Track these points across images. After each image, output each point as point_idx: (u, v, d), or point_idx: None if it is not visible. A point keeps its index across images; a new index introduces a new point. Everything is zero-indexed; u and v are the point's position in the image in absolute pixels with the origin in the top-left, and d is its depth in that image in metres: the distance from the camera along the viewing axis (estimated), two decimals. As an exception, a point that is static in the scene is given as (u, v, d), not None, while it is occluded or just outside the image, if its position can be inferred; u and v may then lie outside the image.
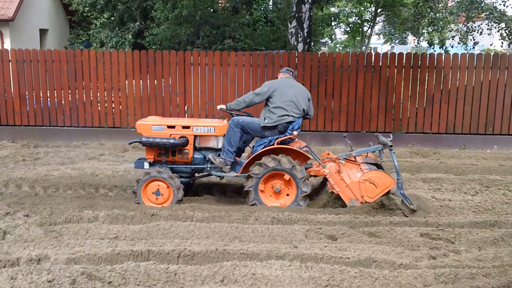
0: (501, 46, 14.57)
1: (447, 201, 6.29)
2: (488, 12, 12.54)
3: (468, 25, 13.39)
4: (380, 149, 6.09)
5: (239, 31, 17.10)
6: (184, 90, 10.45)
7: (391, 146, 5.84)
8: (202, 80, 10.45)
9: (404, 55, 10.35)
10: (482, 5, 12.52)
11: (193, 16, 16.07)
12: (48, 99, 10.55)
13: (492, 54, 10.37)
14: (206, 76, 10.43)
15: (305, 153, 5.97)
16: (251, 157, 6.03)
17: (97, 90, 10.49)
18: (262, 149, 6.02)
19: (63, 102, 10.53)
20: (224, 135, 6.20)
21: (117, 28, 18.65)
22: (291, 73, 6.46)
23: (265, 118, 6.08)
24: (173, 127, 6.26)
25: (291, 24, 11.45)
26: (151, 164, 6.34)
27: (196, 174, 6.62)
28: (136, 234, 4.90)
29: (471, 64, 10.13)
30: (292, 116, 6.03)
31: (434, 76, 10.27)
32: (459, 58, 10.14)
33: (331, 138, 10.26)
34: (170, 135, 6.21)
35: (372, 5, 27.47)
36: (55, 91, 10.57)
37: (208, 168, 6.26)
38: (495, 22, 12.49)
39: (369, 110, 10.30)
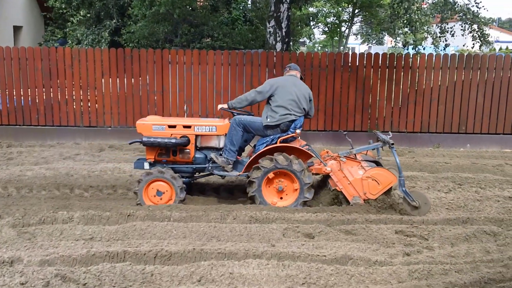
0: (472, 47, 14.83)
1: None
2: (461, 14, 12.75)
3: (441, 26, 13.59)
4: (380, 146, 6.19)
5: (217, 29, 17.07)
6: (162, 89, 10.38)
7: (392, 144, 5.92)
8: (180, 79, 10.40)
9: (380, 56, 10.47)
10: (455, 6, 12.72)
11: (171, 14, 15.99)
12: (22, 98, 10.36)
13: (465, 54, 10.56)
14: (184, 75, 10.39)
15: (308, 151, 6.02)
16: (253, 156, 6.03)
17: (72, 89, 10.36)
18: (264, 147, 6.04)
19: (37, 101, 10.35)
20: (226, 134, 6.20)
21: (93, 26, 18.39)
22: (298, 71, 6.47)
23: (267, 117, 6.09)
24: (174, 126, 6.21)
25: (269, 24, 11.48)
26: (151, 164, 6.28)
27: (197, 174, 6.59)
28: (112, 234, 4.85)
29: (445, 65, 10.32)
30: (294, 115, 6.06)
31: (409, 76, 10.42)
32: (433, 58, 10.32)
33: (309, 137, 10.31)
34: (171, 134, 6.16)
35: (349, 6, 27.69)
36: (29, 90, 10.38)
37: (210, 168, 6.23)
38: (468, 24, 12.71)
39: (346, 109, 10.40)
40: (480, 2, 12.84)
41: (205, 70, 10.35)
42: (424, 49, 17.77)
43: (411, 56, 10.58)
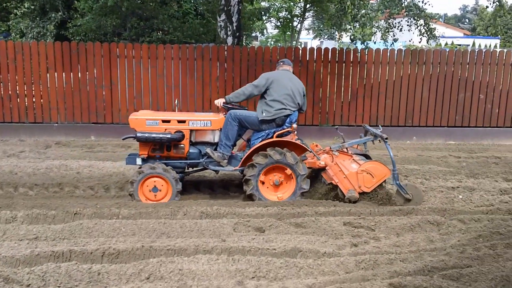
0: (419, 42, 15.30)
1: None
2: (408, 9, 13.13)
3: (389, 21, 13.95)
4: (371, 140, 6.28)
5: (168, 23, 16.85)
6: (110, 83, 10.17)
7: (386, 138, 6.02)
8: (129, 74, 10.21)
9: (330, 50, 10.63)
10: (402, 1, 13.07)
11: (119, 6, 15.65)
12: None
13: (411, 49, 10.87)
14: (133, 69, 10.21)
15: (303, 145, 6.07)
16: (250, 151, 6.01)
17: (16, 84, 9.98)
18: (260, 142, 6.03)
19: (-22, 96, 9.94)
20: (221, 129, 6.15)
21: (38, 18, 17.82)
22: (290, 65, 6.49)
23: (262, 112, 6.08)
24: (168, 121, 6.12)
25: (220, 18, 11.41)
26: (144, 160, 6.16)
27: (190, 169, 6.54)
28: (57, 234, 4.71)
29: (392, 59, 10.59)
30: (289, 109, 6.09)
31: (358, 71, 10.64)
32: (381, 53, 10.57)
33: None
34: (165, 129, 6.07)
35: (301, 1, 27.96)
36: (-31, 85, 9.96)
37: (205, 163, 6.18)
38: (414, 19, 13.09)
39: (297, 103, 10.49)
40: (426, -3, 13.26)
41: (155, 65, 10.21)
42: (375, 43, 18.21)
43: (359, 51, 10.79)
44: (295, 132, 6.31)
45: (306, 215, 5.37)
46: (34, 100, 10.15)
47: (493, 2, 12.22)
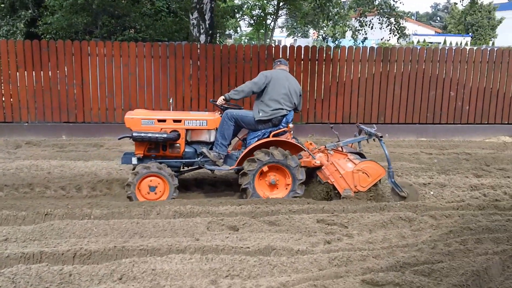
0: (388, 40, 15.50)
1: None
2: (379, 8, 13.28)
3: (360, 19, 14.08)
4: (366, 139, 6.32)
5: (140, 21, 16.68)
6: (82, 82, 10.03)
7: (381, 136, 6.06)
8: (100, 72, 10.08)
9: (302, 48, 10.67)
10: (374, 0, 13.22)
11: (90, 4, 15.41)
12: None
13: (382, 47, 11.01)
14: (105, 68, 10.07)
15: (298, 145, 6.09)
16: (246, 150, 6.00)
17: (-17, 83, 9.76)
18: (256, 142, 6.03)
19: None
20: (217, 128, 6.13)
21: (7, 16, 17.44)
22: (287, 65, 6.50)
23: (259, 111, 6.07)
24: (164, 121, 6.07)
25: (192, 15, 11.35)
26: (140, 160, 6.11)
27: (185, 168, 6.51)
28: (28, 235, 4.62)
29: (364, 57, 10.69)
30: (286, 109, 6.10)
31: (330, 69, 10.71)
32: (353, 51, 10.66)
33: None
34: (161, 129, 6.02)
35: (274, -1, 28.04)
36: None
37: (201, 162, 6.16)
38: (386, 17, 13.25)
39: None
40: (397, -5, 13.43)
41: (127, 63, 10.10)
42: (350, 41, 18.36)
43: (331, 49, 10.86)
44: (291, 132, 6.34)
45: (280, 213, 5.39)
46: (3, 99, 9.93)
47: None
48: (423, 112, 11.00)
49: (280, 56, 10.46)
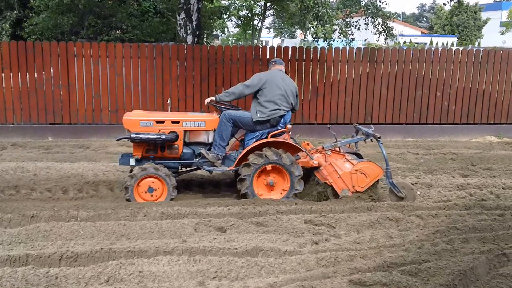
0: (377, 41, 15.60)
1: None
2: (366, 8, 13.35)
3: (347, 20, 14.15)
4: (363, 139, 6.32)
5: (126, 21, 16.59)
6: (68, 83, 9.94)
7: (379, 137, 6.06)
8: (87, 73, 10.00)
9: (290, 49, 10.69)
10: (361, 0, 13.28)
11: (76, 4, 15.30)
12: None
13: (370, 48, 11.06)
14: (91, 69, 10.00)
15: (296, 145, 6.10)
16: (244, 151, 5.99)
17: (-32, 84, 9.63)
18: (254, 142, 6.02)
19: None
20: (215, 129, 6.12)
21: (-8, 17, 17.24)
22: (283, 65, 6.47)
23: (257, 112, 6.06)
24: (162, 122, 6.05)
25: (179, 16, 11.32)
26: (138, 161, 6.07)
27: (183, 169, 6.50)
28: (13, 238, 4.57)
29: (351, 58, 10.73)
30: (283, 110, 6.10)
31: (318, 69, 10.74)
32: (340, 51, 10.70)
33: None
34: (159, 130, 6.00)
35: (261, -1, 28.05)
36: None
37: (199, 163, 6.15)
38: (372, 18, 13.31)
39: (258, 102, 10.51)
40: (384, -4, 13.50)
41: (113, 64, 10.03)
42: (334, 41, 18.43)
43: (319, 49, 10.88)
44: (290, 133, 6.34)
45: (268, 214, 5.38)
46: (-13, 100, 9.81)
47: (451, 0, 12.53)
48: (409, 112, 11.07)
49: (268, 57, 10.46)
